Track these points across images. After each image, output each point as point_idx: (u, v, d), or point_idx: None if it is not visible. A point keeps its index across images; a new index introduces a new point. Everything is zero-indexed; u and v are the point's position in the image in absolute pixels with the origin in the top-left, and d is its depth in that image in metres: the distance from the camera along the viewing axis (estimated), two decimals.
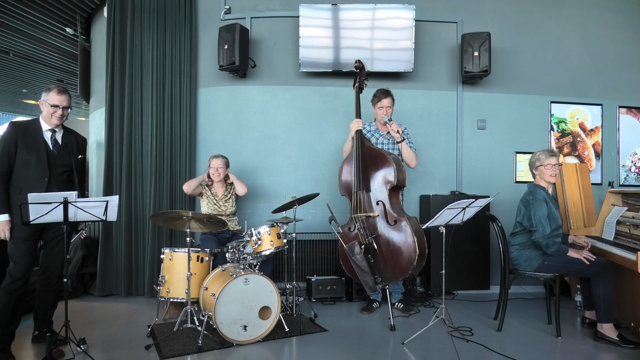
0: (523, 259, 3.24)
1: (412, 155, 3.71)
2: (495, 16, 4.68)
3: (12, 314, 2.70)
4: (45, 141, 2.80)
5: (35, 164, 2.73)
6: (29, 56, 6.86)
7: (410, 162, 3.73)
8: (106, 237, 4.27)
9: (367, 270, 3.36)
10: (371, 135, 3.81)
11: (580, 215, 4.30)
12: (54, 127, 2.84)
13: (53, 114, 2.79)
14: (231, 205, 3.93)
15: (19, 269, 2.69)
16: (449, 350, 2.80)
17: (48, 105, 2.79)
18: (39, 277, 2.90)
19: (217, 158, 3.88)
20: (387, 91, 3.74)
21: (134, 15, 4.37)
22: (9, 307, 2.68)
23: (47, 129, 2.83)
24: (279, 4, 4.56)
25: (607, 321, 2.99)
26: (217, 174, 3.84)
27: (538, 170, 3.31)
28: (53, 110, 2.78)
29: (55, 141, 2.85)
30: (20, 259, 2.70)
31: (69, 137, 2.93)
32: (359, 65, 3.70)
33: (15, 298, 2.70)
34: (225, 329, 2.89)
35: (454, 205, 2.91)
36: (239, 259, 3.25)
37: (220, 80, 4.53)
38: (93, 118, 5.31)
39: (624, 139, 4.89)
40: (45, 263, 2.89)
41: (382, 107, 3.70)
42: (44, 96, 2.81)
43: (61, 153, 2.85)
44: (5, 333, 2.71)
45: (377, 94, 3.75)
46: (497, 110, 4.70)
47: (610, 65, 4.84)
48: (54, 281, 2.90)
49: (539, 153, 3.34)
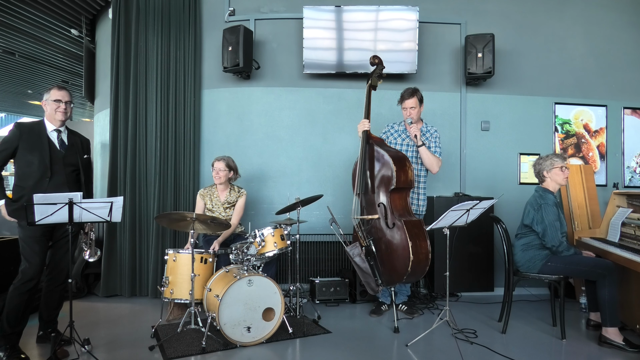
0: (526, 260, 3.23)
1: (433, 160, 3.58)
2: (499, 17, 4.67)
3: (22, 313, 2.73)
4: (50, 141, 2.83)
5: (38, 164, 2.76)
6: (34, 57, 6.90)
7: (431, 168, 3.61)
8: (110, 238, 4.28)
9: (369, 271, 3.35)
10: (398, 135, 3.72)
11: (585, 217, 4.28)
12: (60, 124, 2.87)
13: (57, 110, 2.82)
14: (230, 214, 3.86)
15: (33, 268, 2.71)
16: (453, 353, 2.79)
17: (51, 102, 2.83)
18: (46, 277, 2.93)
19: (219, 160, 3.81)
20: (413, 91, 3.61)
21: (138, 17, 4.39)
22: (21, 306, 2.71)
23: (52, 129, 2.86)
24: (283, 6, 4.57)
25: (613, 325, 2.96)
26: (218, 177, 3.78)
27: (551, 173, 3.27)
28: (56, 105, 2.82)
29: (62, 141, 2.88)
30: (33, 259, 2.72)
31: (74, 138, 2.97)
32: (374, 61, 3.55)
33: (27, 298, 2.72)
34: (228, 330, 2.90)
35: (458, 207, 2.90)
36: (243, 261, 3.26)
37: (224, 82, 4.54)
38: (98, 119, 5.33)
39: (629, 140, 4.87)
40: (53, 263, 2.92)
41: (406, 108, 3.61)
42: (45, 96, 2.86)
43: (69, 153, 2.89)
44: (14, 332, 2.73)
45: (403, 93, 3.64)
46: (501, 112, 4.69)
47: (615, 66, 4.82)
48: (60, 281, 2.94)
49: (551, 156, 3.31)
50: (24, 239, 2.73)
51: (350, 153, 4.45)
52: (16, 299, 2.70)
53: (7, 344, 2.70)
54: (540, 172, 3.33)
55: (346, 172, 4.41)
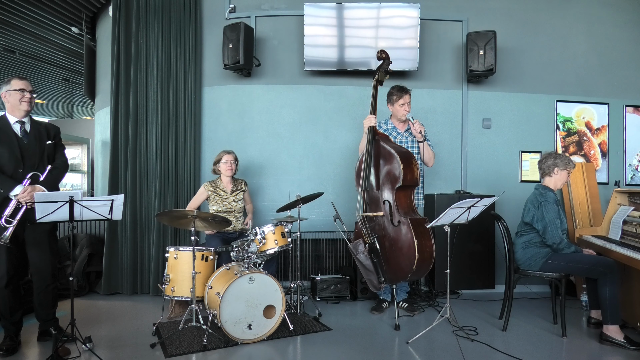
0: (526, 258, 3.23)
1: (432, 155, 3.68)
2: (500, 14, 4.66)
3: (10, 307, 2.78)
4: (15, 134, 2.78)
5: (8, 157, 2.72)
6: (35, 55, 6.89)
7: (429, 162, 3.69)
8: (111, 236, 4.29)
9: (372, 269, 3.34)
10: (389, 133, 3.71)
11: (586, 215, 4.28)
12: (24, 114, 2.82)
13: (22, 100, 2.77)
14: (241, 202, 3.94)
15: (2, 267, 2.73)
16: (454, 350, 2.79)
17: (14, 92, 2.77)
18: (32, 277, 2.91)
19: (229, 153, 3.90)
20: (406, 89, 3.64)
21: (139, 15, 4.38)
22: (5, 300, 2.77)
23: (15, 121, 2.81)
24: (284, 3, 4.56)
25: (614, 323, 2.96)
26: (230, 169, 3.86)
27: (559, 174, 3.25)
28: (21, 95, 2.77)
29: (24, 132, 2.83)
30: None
31: (38, 127, 2.90)
32: (381, 56, 3.54)
33: (8, 294, 2.76)
34: (229, 327, 2.90)
35: (459, 205, 2.90)
36: (244, 258, 3.26)
37: (225, 79, 4.53)
38: (98, 117, 5.33)
39: (631, 138, 4.85)
40: (33, 264, 2.87)
41: (404, 103, 3.61)
42: (5, 87, 2.79)
43: (32, 142, 2.83)
44: (8, 322, 2.80)
45: (396, 90, 3.63)
46: (502, 109, 4.67)
47: (617, 64, 4.80)
48: (48, 282, 2.88)
49: (561, 156, 3.28)
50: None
51: (351, 150, 4.45)
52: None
53: (6, 334, 2.80)
54: (552, 166, 3.26)
55: (347, 170, 4.41)
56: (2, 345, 2.76)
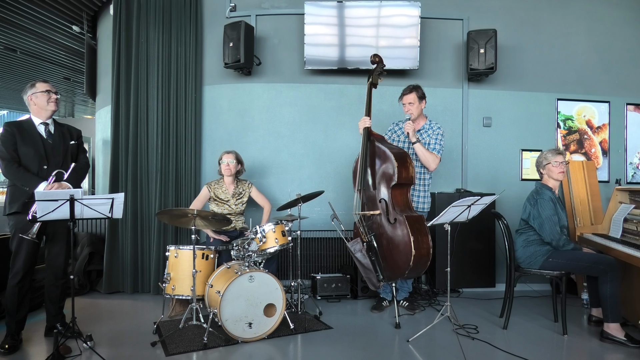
0: (527, 256, 3.23)
1: (429, 157, 3.54)
2: (501, 13, 4.65)
3: (18, 305, 2.82)
4: (40, 135, 2.89)
5: (33, 156, 2.83)
6: (36, 54, 6.90)
7: (427, 164, 3.58)
8: (112, 235, 4.29)
9: (370, 267, 3.35)
10: (402, 132, 3.74)
11: (587, 213, 4.28)
12: (50, 114, 2.94)
13: (49, 100, 2.89)
14: (242, 204, 3.94)
15: (20, 261, 2.79)
16: (455, 348, 2.79)
17: (40, 95, 2.88)
18: (46, 271, 3.00)
19: (228, 153, 3.89)
20: (413, 88, 3.63)
21: (139, 13, 4.38)
22: (15, 297, 2.81)
23: (40, 122, 2.92)
24: (284, 2, 4.56)
25: (614, 321, 2.96)
26: (228, 170, 3.84)
27: (546, 169, 3.30)
28: (47, 96, 2.89)
29: (49, 132, 2.94)
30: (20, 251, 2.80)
31: (60, 128, 3.02)
32: (374, 60, 3.59)
33: (18, 291, 2.80)
34: (230, 326, 2.90)
35: (460, 203, 2.89)
36: (244, 257, 3.26)
37: (226, 78, 4.53)
38: (99, 116, 5.34)
39: (632, 136, 4.85)
40: (49, 259, 2.98)
41: (404, 103, 3.64)
42: (31, 91, 2.89)
43: (57, 141, 2.95)
44: (13, 319, 2.83)
45: (404, 90, 3.67)
46: (503, 108, 4.67)
47: (618, 62, 4.80)
48: (59, 276, 2.98)
49: (546, 152, 3.35)
50: (16, 232, 2.80)
51: (352, 149, 4.45)
52: (9, 291, 2.82)
53: (8, 332, 2.83)
54: (541, 163, 3.36)
55: (347, 169, 4.41)
56: (3, 343, 2.78)
